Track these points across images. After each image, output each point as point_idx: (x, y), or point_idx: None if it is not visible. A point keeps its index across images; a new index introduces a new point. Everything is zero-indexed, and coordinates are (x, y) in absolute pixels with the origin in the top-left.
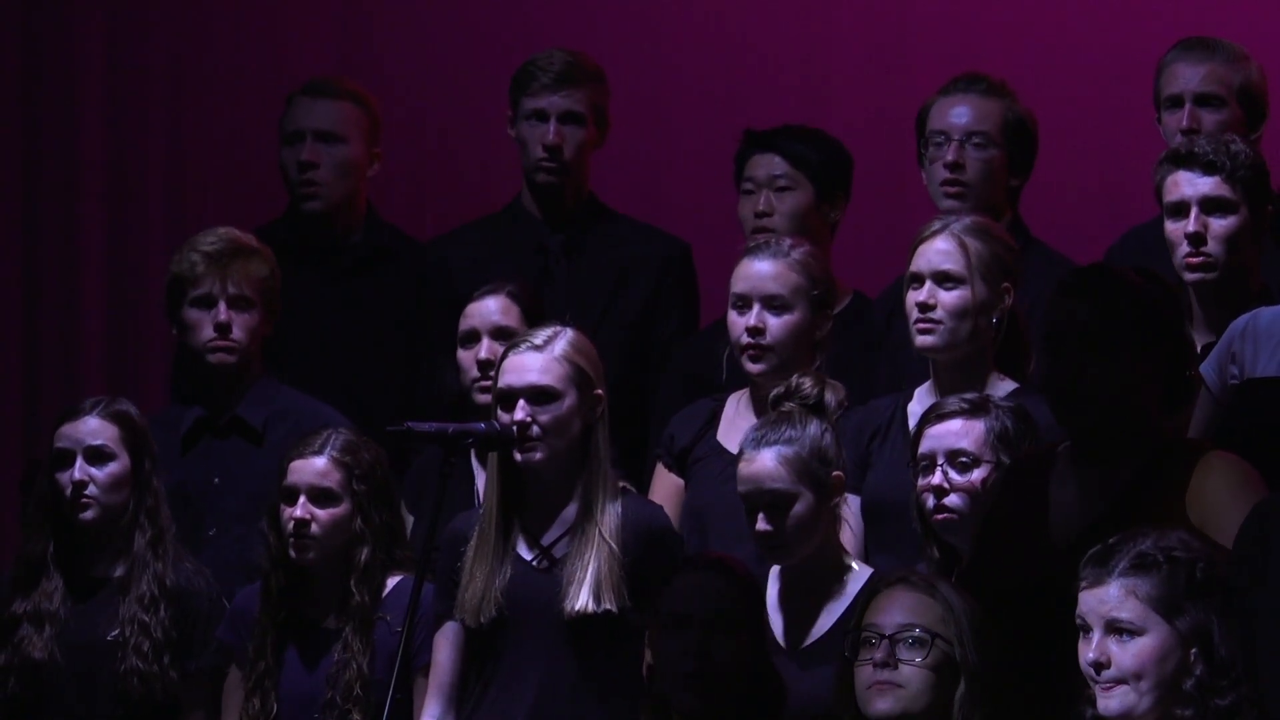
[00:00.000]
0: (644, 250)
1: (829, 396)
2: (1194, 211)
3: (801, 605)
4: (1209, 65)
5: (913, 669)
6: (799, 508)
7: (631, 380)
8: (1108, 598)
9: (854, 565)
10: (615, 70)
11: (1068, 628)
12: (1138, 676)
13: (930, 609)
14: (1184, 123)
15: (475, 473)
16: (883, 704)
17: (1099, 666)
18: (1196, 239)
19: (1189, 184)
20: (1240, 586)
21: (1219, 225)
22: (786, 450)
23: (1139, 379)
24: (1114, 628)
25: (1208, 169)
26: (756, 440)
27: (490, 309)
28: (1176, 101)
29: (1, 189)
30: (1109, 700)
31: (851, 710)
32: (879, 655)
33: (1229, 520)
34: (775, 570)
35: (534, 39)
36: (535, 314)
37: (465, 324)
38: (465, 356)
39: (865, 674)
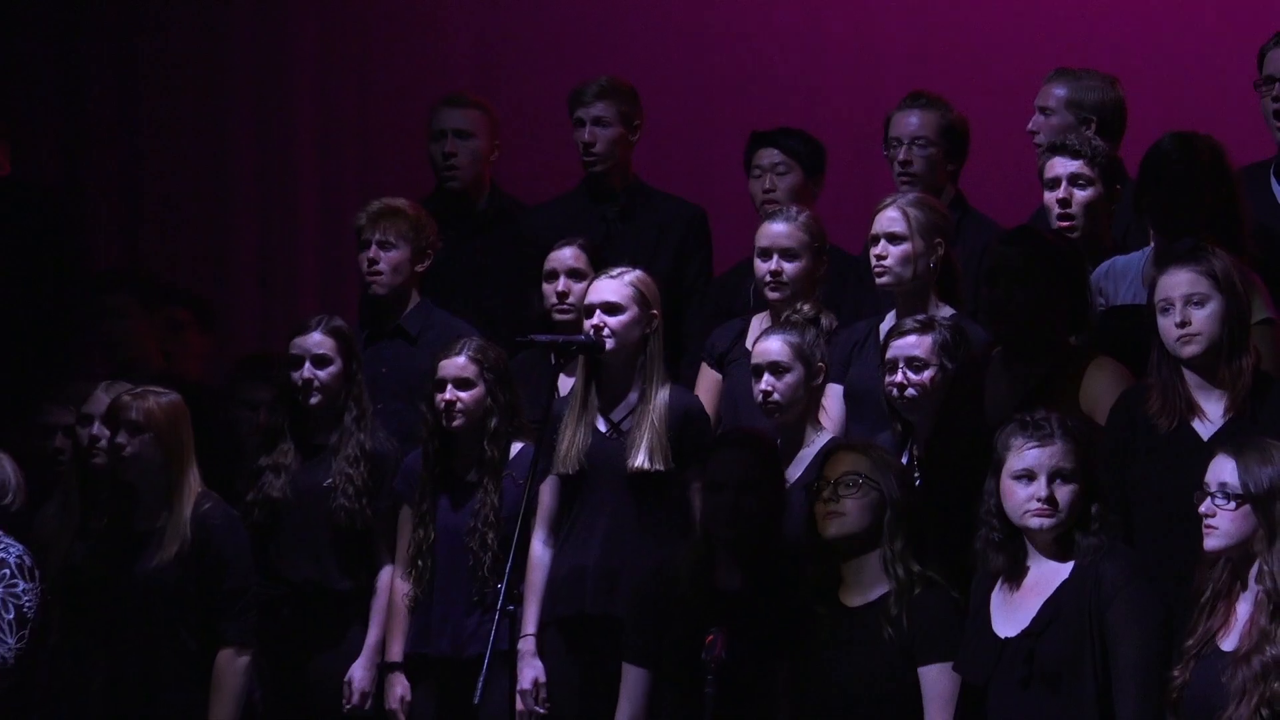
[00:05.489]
0: (674, 215)
1: (824, 320)
2: (1063, 184)
3: (785, 456)
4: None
5: (851, 501)
6: (791, 376)
7: (666, 309)
8: (1057, 453)
9: (820, 431)
10: (659, 85)
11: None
12: (1068, 511)
13: (863, 462)
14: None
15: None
16: (831, 528)
17: (1051, 501)
18: (1064, 203)
19: (1061, 165)
20: (1113, 455)
21: (1080, 195)
22: (789, 336)
23: (1049, 303)
24: (1058, 474)
25: (1074, 155)
26: (768, 331)
27: (567, 255)
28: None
29: (240, 170)
30: (1045, 519)
31: (814, 535)
32: (826, 493)
33: (1108, 407)
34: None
35: (603, 70)
36: (598, 260)
37: (548, 265)
38: (548, 289)
39: (819, 508)
